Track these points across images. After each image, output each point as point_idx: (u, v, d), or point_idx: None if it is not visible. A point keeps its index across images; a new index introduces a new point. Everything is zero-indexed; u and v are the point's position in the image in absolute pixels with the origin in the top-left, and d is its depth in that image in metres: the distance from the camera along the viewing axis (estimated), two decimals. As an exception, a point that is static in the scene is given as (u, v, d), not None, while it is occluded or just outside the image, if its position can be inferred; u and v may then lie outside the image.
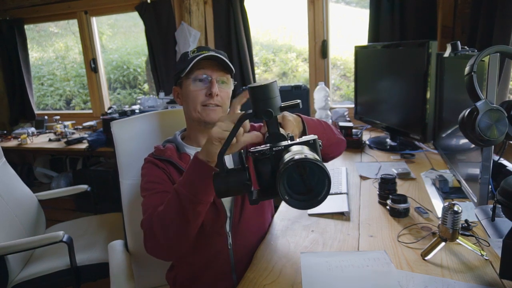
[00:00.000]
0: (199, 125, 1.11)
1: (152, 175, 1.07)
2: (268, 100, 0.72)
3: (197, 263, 1.09)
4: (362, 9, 3.07)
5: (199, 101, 1.07)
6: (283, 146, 0.71)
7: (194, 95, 1.07)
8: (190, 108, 1.09)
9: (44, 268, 1.66)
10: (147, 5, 2.84)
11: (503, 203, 0.79)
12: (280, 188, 0.62)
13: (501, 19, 1.61)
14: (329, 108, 2.20)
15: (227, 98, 1.11)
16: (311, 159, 0.61)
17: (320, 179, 0.63)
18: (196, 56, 1.06)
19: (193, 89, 1.08)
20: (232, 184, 0.74)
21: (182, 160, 1.09)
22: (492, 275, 0.84)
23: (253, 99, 0.73)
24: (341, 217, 1.19)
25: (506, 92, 1.67)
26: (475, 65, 0.79)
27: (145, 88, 3.88)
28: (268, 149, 0.71)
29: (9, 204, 1.79)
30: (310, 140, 0.72)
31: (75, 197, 2.76)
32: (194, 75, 1.07)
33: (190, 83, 1.08)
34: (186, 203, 0.87)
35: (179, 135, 1.18)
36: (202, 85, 1.08)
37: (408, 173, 1.49)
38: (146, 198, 1.04)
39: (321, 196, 0.63)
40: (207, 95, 1.07)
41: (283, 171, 0.62)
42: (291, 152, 0.66)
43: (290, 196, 0.63)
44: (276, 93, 0.74)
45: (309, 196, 0.64)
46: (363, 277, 0.86)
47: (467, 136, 0.80)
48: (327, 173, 0.62)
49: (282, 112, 0.76)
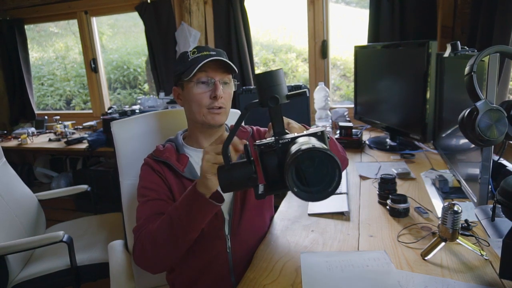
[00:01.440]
0: (202, 127, 1.11)
1: (146, 180, 1.08)
2: (274, 87, 0.70)
3: (196, 266, 1.09)
4: (362, 9, 3.07)
5: (204, 105, 1.06)
6: (289, 138, 0.68)
7: (198, 98, 1.06)
8: (195, 111, 1.08)
9: (44, 268, 1.66)
10: (147, 5, 2.84)
11: (503, 203, 0.79)
12: (288, 179, 0.59)
13: (501, 19, 1.62)
14: (329, 108, 2.20)
15: (229, 99, 1.11)
16: (320, 148, 0.58)
17: (330, 170, 0.59)
18: (198, 57, 1.05)
19: (196, 92, 1.06)
20: (236, 178, 0.72)
21: (179, 162, 1.09)
22: (492, 275, 0.84)
23: (259, 87, 0.72)
24: (341, 217, 1.19)
25: (506, 92, 1.67)
26: (475, 65, 0.79)
27: (145, 88, 3.88)
28: (274, 142, 0.68)
29: (9, 204, 1.79)
30: (317, 132, 0.69)
31: (75, 197, 2.77)
32: (196, 77, 1.06)
33: (193, 85, 1.07)
34: (178, 230, 0.90)
35: (180, 135, 1.18)
36: (206, 88, 1.07)
37: (408, 173, 1.49)
38: (139, 204, 1.06)
39: (331, 187, 0.60)
40: (211, 98, 1.06)
41: (291, 162, 0.59)
42: (298, 143, 0.64)
43: (298, 188, 0.60)
44: (282, 81, 0.72)
45: (319, 188, 0.60)
46: (363, 277, 0.86)
47: (467, 136, 0.80)
48: (337, 163, 0.58)
49: (289, 99, 0.73)
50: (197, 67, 1.03)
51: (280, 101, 0.70)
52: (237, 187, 0.74)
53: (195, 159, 1.13)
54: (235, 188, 0.75)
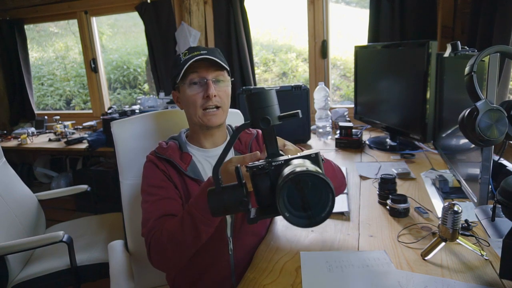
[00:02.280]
0: (201, 129, 1.11)
1: (152, 177, 1.07)
2: (266, 108, 0.69)
3: (197, 267, 1.08)
4: (362, 9, 3.07)
5: (198, 105, 1.06)
6: (283, 160, 0.66)
7: (192, 99, 1.06)
8: (191, 113, 1.09)
9: (44, 268, 1.66)
10: (147, 5, 2.84)
11: (503, 203, 0.79)
12: (279, 204, 0.57)
13: (501, 19, 1.62)
14: (329, 108, 2.20)
15: (226, 97, 1.10)
16: (313, 172, 0.56)
17: (324, 194, 0.57)
18: (188, 59, 1.04)
19: (190, 94, 1.06)
20: (227, 201, 0.68)
21: (182, 160, 1.08)
22: (492, 275, 0.84)
23: (250, 107, 0.70)
24: (341, 217, 1.19)
25: (506, 92, 1.67)
26: (475, 65, 0.79)
27: (145, 88, 3.88)
28: (267, 164, 0.66)
29: (9, 204, 1.79)
30: (311, 154, 0.67)
31: (75, 197, 2.76)
32: (188, 79, 1.06)
33: (186, 87, 1.07)
34: (200, 224, 0.89)
35: (184, 133, 1.17)
36: (198, 88, 1.06)
37: (408, 173, 1.49)
38: (148, 204, 1.03)
39: (324, 212, 0.58)
40: (204, 98, 1.05)
41: (283, 185, 0.57)
42: (291, 166, 0.62)
43: (290, 213, 0.58)
44: (274, 102, 0.70)
45: (311, 213, 0.59)
46: (363, 277, 0.86)
47: (467, 136, 0.80)
48: (331, 187, 0.56)
49: (281, 120, 0.71)
50: (185, 67, 1.03)
51: (272, 122, 0.68)
52: (228, 211, 0.70)
53: (198, 158, 1.12)
54: (226, 212, 0.70)
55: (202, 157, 1.13)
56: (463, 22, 2.10)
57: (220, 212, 0.70)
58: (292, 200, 0.58)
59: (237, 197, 0.67)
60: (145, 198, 1.06)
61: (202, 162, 1.13)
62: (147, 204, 1.04)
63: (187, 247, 0.94)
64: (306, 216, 0.59)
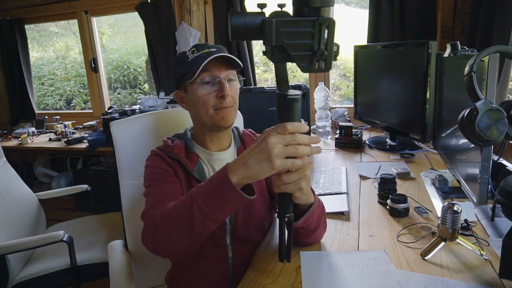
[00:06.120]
0: (210, 130, 1.06)
1: (157, 167, 1.02)
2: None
3: (195, 273, 1.07)
4: (362, 9, 3.07)
5: (210, 105, 1.00)
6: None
7: (204, 99, 1.00)
8: (202, 114, 1.02)
9: (44, 267, 1.66)
10: (147, 5, 2.84)
11: (502, 203, 0.79)
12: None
13: (501, 19, 1.62)
14: (329, 108, 2.20)
15: (237, 96, 1.06)
16: None
17: None
18: (198, 57, 1.00)
19: (201, 94, 1.00)
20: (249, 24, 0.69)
21: (189, 160, 1.04)
22: (492, 275, 0.84)
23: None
24: (341, 217, 1.19)
25: (505, 92, 1.67)
26: (474, 65, 0.79)
27: (145, 88, 3.88)
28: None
29: (9, 203, 1.79)
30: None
31: (75, 196, 2.77)
32: (200, 78, 0.99)
33: (197, 87, 1.01)
34: (197, 213, 0.79)
35: (189, 131, 1.13)
36: (211, 88, 1.00)
37: (407, 173, 1.49)
38: (151, 187, 0.98)
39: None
40: (218, 98, 1.00)
41: None
42: None
43: None
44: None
45: None
46: (363, 277, 0.86)
47: (466, 136, 0.80)
48: None
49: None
50: (200, 67, 0.97)
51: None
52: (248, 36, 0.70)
53: (204, 159, 1.09)
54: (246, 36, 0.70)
55: (207, 158, 1.09)
56: (463, 22, 2.10)
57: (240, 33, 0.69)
58: None
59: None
60: (147, 184, 1.01)
61: (207, 163, 1.09)
62: (150, 188, 0.99)
63: (178, 229, 0.83)
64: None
